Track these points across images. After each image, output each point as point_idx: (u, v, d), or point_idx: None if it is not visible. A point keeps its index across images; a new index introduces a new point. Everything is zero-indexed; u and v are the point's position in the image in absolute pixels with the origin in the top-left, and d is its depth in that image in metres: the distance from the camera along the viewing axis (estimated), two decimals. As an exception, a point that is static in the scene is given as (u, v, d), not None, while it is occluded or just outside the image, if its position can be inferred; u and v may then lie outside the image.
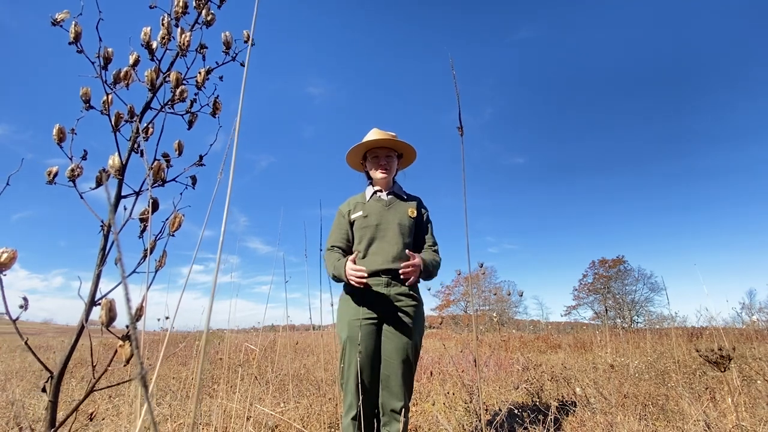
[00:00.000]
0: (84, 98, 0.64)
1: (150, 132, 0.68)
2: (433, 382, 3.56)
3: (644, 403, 2.55)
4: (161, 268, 0.73)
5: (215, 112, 0.76)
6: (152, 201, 0.64)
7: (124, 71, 0.66)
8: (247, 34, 0.73)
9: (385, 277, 1.72)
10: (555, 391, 3.16)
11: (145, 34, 0.67)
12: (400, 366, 1.65)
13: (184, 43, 0.67)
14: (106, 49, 0.64)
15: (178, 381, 3.80)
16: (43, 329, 25.82)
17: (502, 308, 25.57)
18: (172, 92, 0.68)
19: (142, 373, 0.41)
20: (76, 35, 0.62)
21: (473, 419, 2.44)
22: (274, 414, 2.15)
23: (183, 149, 0.70)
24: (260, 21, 0.63)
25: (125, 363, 0.67)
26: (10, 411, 2.70)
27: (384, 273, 1.72)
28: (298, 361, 5.10)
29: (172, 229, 0.69)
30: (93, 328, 0.93)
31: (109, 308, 0.63)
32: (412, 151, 1.95)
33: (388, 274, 1.72)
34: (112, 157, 0.62)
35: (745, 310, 15.24)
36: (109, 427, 2.44)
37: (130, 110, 0.67)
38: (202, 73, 0.72)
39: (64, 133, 0.64)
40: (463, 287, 26.27)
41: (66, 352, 0.75)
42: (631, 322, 25.19)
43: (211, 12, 0.72)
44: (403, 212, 1.83)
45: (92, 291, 0.71)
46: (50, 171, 0.64)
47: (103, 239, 0.67)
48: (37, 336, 14.60)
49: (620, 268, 27.40)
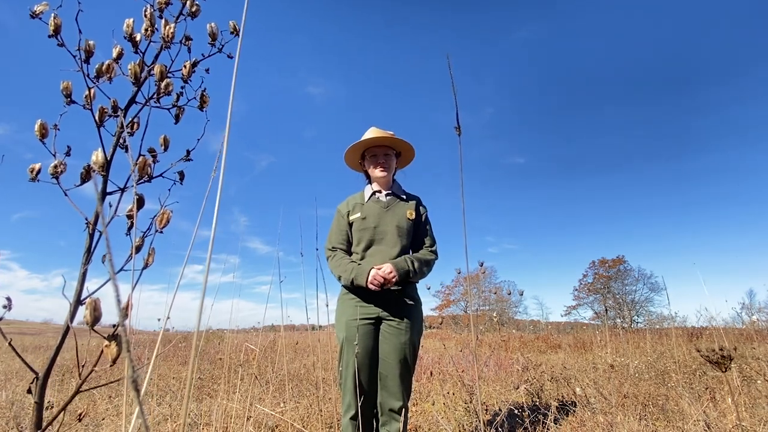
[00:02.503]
0: (65, 92, 0.63)
1: (135, 127, 0.67)
2: (433, 382, 3.55)
3: (644, 403, 2.53)
4: (149, 266, 0.71)
5: (203, 105, 0.75)
6: (137, 198, 0.63)
7: (106, 64, 0.65)
8: (233, 25, 0.72)
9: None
10: (555, 391, 3.15)
11: (127, 26, 0.65)
12: (398, 366, 1.64)
13: (168, 35, 0.66)
14: (88, 42, 0.63)
15: (178, 381, 3.80)
16: (43, 329, 25.87)
17: (502, 308, 25.57)
18: (156, 85, 0.67)
19: (134, 376, 0.39)
20: (56, 28, 0.60)
21: (473, 419, 2.43)
22: (274, 414, 2.14)
23: (169, 144, 0.69)
24: (260, 21, 0.61)
25: (111, 363, 0.65)
26: (10, 411, 2.69)
27: None
28: (298, 361, 5.09)
29: (159, 226, 0.68)
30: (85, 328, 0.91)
31: (94, 307, 0.61)
32: (410, 149, 1.93)
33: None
34: (96, 152, 0.61)
35: (745, 310, 15.20)
36: (109, 427, 2.43)
37: (113, 104, 0.65)
38: (187, 66, 0.70)
39: (46, 129, 0.62)
40: (463, 287, 26.28)
41: (52, 354, 0.74)
42: (631, 322, 25.16)
43: (195, 3, 0.71)
44: (401, 215, 1.81)
45: (78, 290, 0.70)
46: (33, 168, 0.62)
47: (89, 237, 0.66)
48: (36, 336, 14.62)
49: (620, 268, 27.38)
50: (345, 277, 1.72)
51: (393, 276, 1.63)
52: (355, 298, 1.73)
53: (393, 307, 1.70)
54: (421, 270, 1.74)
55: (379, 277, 1.62)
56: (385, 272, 1.62)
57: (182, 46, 0.70)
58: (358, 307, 1.70)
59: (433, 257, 1.83)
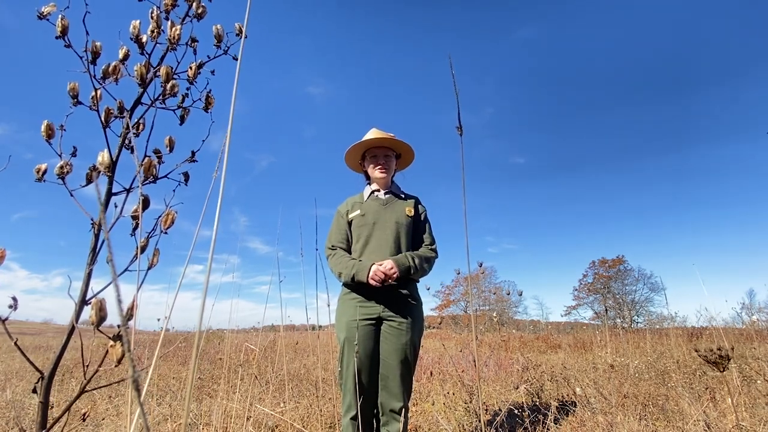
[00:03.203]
0: (72, 93, 0.63)
1: (141, 128, 0.67)
2: (433, 382, 3.55)
3: (644, 403, 2.54)
4: (154, 266, 0.72)
5: (208, 106, 0.75)
6: (143, 198, 0.63)
7: (112, 66, 0.65)
8: (239, 27, 0.72)
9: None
10: (555, 391, 3.15)
11: (134, 27, 0.66)
12: (399, 366, 1.64)
13: (174, 36, 0.66)
14: (94, 43, 0.63)
15: (178, 381, 3.80)
16: (43, 329, 25.84)
17: (502, 308, 25.57)
18: (162, 87, 0.67)
19: (135, 376, 0.40)
20: (63, 29, 0.61)
21: (473, 419, 2.43)
22: (274, 414, 2.14)
23: (174, 145, 0.69)
24: (260, 20, 0.62)
25: (116, 364, 0.65)
26: (10, 411, 2.69)
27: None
28: (297, 361, 5.09)
29: (164, 227, 0.68)
30: (89, 328, 0.91)
31: (99, 308, 0.62)
32: (410, 151, 1.95)
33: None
34: (102, 153, 0.61)
35: (745, 310, 15.22)
36: (109, 428, 2.43)
37: (119, 105, 0.66)
38: (193, 68, 0.71)
39: (53, 130, 0.63)
40: (463, 287, 26.28)
41: (57, 353, 0.74)
42: (631, 322, 25.18)
43: (201, 4, 0.71)
44: (400, 211, 1.83)
45: (83, 290, 0.70)
46: (39, 168, 0.63)
47: (94, 237, 0.66)
48: (37, 336, 14.60)
49: (620, 268, 27.40)
50: (346, 273, 1.71)
51: (394, 272, 1.63)
52: (356, 299, 1.73)
53: (394, 306, 1.70)
54: (421, 266, 1.74)
55: (380, 273, 1.62)
56: (386, 268, 1.63)
57: (188, 47, 0.71)
58: (358, 308, 1.71)
59: (433, 255, 1.84)
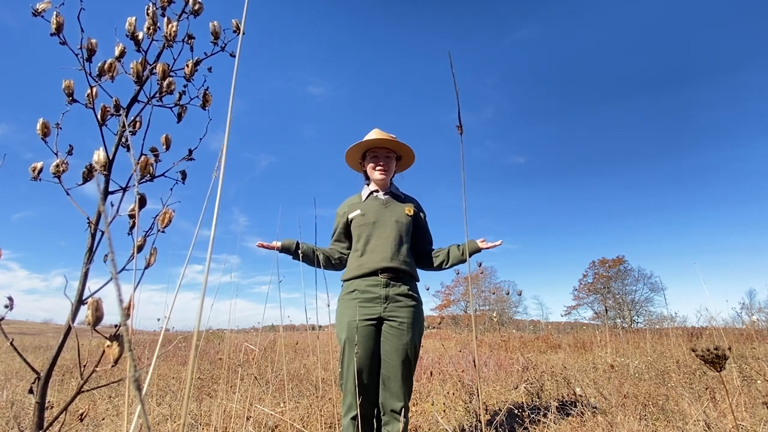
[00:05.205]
0: (67, 91, 0.62)
1: (137, 126, 0.66)
2: (433, 382, 3.55)
3: (644, 403, 2.53)
4: (151, 265, 0.71)
5: (205, 104, 0.74)
6: (139, 197, 0.63)
7: (108, 63, 0.64)
8: (236, 23, 0.72)
9: (383, 276, 1.71)
10: (555, 391, 3.15)
11: (130, 24, 0.65)
12: (400, 366, 1.64)
13: (170, 33, 0.66)
14: (90, 41, 0.62)
15: (178, 381, 3.79)
16: (43, 329, 25.84)
17: (502, 308, 25.59)
18: (159, 84, 0.67)
19: (135, 375, 0.39)
20: (58, 26, 0.60)
21: (473, 419, 2.43)
22: (274, 414, 2.13)
23: (171, 143, 0.69)
24: (260, 20, 0.61)
25: (113, 364, 0.65)
26: (10, 411, 2.68)
27: (382, 272, 1.72)
28: (297, 361, 5.09)
29: (162, 226, 0.67)
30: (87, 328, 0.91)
31: (96, 307, 0.61)
32: (411, 154, 1.97)
33: (386, 272, 1.72)
34: (97, 151, 0.61)
35: (745, 310, 15.21)
36: (109, 428, 2.43)
37: (115, 103, 0.65)
38: (190, 65, 0.70)
39: (48, 128, 0.62)
40: (462, 287, 26.28)
41: (53, 353, 0.73)
42: (631, 322, 25.19)
43: (198, 1, 0.70)
44: (400, 211, 1.84)
45: (80, 290, 0.70)
46: (35, 167, 0.62)
47: (90, 237, 0.65)
48: (37, 336, 14.60)
49: (620, 268, 27.41)
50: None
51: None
52: (356, 299, 1.73)
53: (394, 307, 1.70)
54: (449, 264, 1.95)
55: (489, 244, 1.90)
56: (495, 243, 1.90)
57: (185, 44, 0.70)
58: (359, 308, 1.71)
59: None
